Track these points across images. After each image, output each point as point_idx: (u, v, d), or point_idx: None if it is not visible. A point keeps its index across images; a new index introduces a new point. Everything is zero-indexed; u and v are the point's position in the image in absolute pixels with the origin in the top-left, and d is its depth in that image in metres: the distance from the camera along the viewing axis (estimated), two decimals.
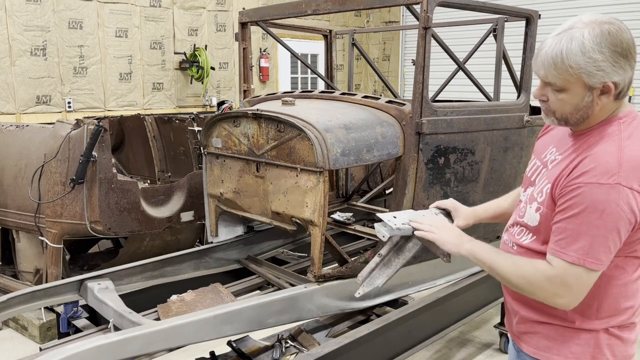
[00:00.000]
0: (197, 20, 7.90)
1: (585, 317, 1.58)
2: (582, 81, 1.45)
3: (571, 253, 1.46)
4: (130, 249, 4.34)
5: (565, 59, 1.44)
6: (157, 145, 5.50)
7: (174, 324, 2.42)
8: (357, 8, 3.13)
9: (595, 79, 1.44)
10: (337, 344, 2.56)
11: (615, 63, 1.43)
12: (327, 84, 4.51)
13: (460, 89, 4.69)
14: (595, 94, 1.47)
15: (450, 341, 3.93)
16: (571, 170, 1.50)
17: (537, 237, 1.64)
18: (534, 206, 1.63)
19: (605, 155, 1.45)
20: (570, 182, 1.48)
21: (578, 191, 1.45)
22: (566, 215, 1.47)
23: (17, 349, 3.80)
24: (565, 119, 1.55)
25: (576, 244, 1.45)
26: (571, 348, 1.62)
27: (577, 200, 1.44)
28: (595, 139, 1.52)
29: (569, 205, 1.46)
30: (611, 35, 1.43)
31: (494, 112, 3.22)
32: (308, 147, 2.81)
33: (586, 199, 1.43)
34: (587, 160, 1.47)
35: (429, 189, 3.01)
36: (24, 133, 4.17)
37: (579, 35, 1.43)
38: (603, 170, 1.42)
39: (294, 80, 9.68)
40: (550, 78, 1.49)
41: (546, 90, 1.54)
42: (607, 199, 1.40)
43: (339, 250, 3.16)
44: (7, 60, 6.16)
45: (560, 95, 1.50)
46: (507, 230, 1.82)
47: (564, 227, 1.48)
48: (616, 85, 1.45)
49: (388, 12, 10.21)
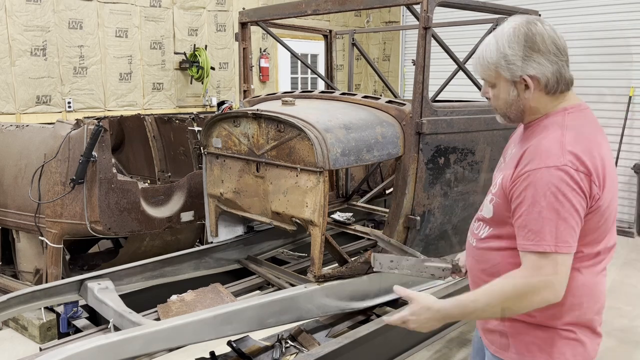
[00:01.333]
0: (197, 20, 7.90)
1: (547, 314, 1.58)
2: (502, 75, 1.58)
3: (541, 243, 1.45)
4: (130, 249, 4.34)
5: (485, 57, 1.60)
6: (157, 145, 5.50)
7: (174, 324, 2.41)
8: (357, 8, 3.13)
9: (510, 73, 1.56)
10: (337, 344, 2.56)
11: (525, 57, 1.53)
12: (327, 84, 4.51)
13: (460, 89, 4.68)
14: (520, 89, 1.58)
15: (450, 341, 3.93)
16: (517, 161, 1.55)
17: (492, 229, 1.66)
18: (488, 198, 1.67)
19: (548, 142, 1.51)
20: (519, 174, 1.52)
21: (528, 180, 1.48)
22: (524, 207, 1.49)
23: (17, 349, 3.79)
24: (504, 114, 1.68)
25: (542, 233, 1.45)
26: (528, 346, 1.62)
27: (530, 189, 1.47)
28: (539, 129, 1.59)
29: (524, 197, 1.49)
30: (522, 32, 1.54)
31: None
32: (308, 147, 2.81)
33: (538, 185, 1.46)
34: (530, 149, 1.53)
35: (429, 189, 3.01)
36: (24, 133, 4.17)
37: (499, 34, 1.58)
38: (547, 155, 1.47)
39: (294, 80, 9.68)
40: (481, 74, 1.64)
41: (487, 88, 1.68)
42: (557, 181, 1.44)
43: (339, 250, 3.16)
44: (7, 60, 6.16)
45: (493, 91, 1.65)
46: (470, 229, 1.83)
47: (525, 221, 1.49)
48: (533, 78, 1.55)
49: (388, 12, 10.20)
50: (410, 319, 1.64)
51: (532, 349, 1.62)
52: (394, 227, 2.97)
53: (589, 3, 6.95)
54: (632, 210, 6.76)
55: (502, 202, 1.59)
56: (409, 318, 1.64)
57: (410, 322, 1.64)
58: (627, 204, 6.80)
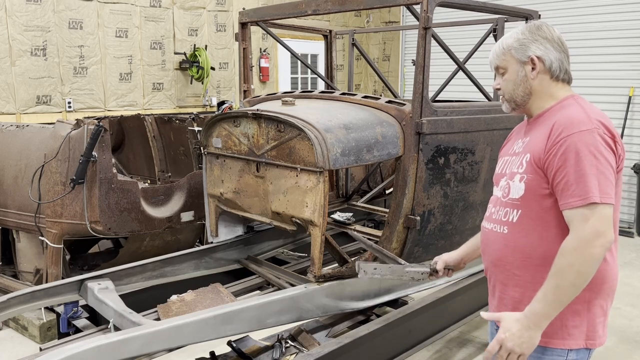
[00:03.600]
0: (197, 20, 7.90)
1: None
2: (514, 57, 1.80)
3: (589, 195, 1.57)
4: (130, 249, 4.34)
5: (501, 45, 1.84)
6: (157, 145, 5.50)
7: (174, 324, 2.42)
8: (357, 8, 3.13)
9: (521, 53, 1.78)
10: (337, 344, 2.56)
11: (535, 41, 1.78)
12: (327, 84, 4.51)
13: (460, 89, 4.68)
14: (527, 70, 1.79)
15: (450, 341, 3.93)
16: (548, 135, 1.68)
17: (522, 210, 1.74)
18: (516, 179, 1.76)
19: (574, 113, 1.69)
20: (554, 142, 1.65)
21: (565, 144, 1.62)
22: (566, 168, 1.61)
23: (17, 349, 3.80)
24: (512, 99, 1.84)
25: (587, 186, 1.57)
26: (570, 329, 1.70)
27: (569, 151, 1.61)
28: (557, 111, 1.75)
29: (564, 159, 1.62)
30: (534, 25, 1.82)
31: (494, 112, 3.22)
32: (308, 147, 2.81)
33: (576, 146, 1.60)
34: (559, 121, 1.68)
35: (429, 189, 3.01)
36: (24, 133, 4.17)
37: (514, 30, 1.85)
38: (578, 121, 1.64)
39: (294, 80, 9.67)
40: (496, 62, 1.86)
41: (498, 79, 1.87)
42: (593, 141, 1.60)
43: (339, 250, 3.16)
44: (7, 61, 6.16)
45: (505, 76, 1.84)
46: (489, 220, 1.89)
47: (568, 180, 1.60)
48: (540, 58, 1.77)
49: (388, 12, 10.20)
50: (504, 337, 1.64)
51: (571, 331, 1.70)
52: (394, 227, 2.96)
53: (589, 3, 6.95)
54: (632, 210, 6.76)
55: (535, 176, 1.70)
56: (503, 337, 1.64)
57: (506, 340, 1.64)
58: (627, 204, 6.80)
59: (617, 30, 6.73)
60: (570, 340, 1.70)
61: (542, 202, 1.69)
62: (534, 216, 1.71)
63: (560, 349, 1.71)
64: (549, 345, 1.71)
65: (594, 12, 6.91)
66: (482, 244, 1.95)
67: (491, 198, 1.94)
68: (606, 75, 6.84)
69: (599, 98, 6.79)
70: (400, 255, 3.03)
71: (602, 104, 6.79)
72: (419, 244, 3.08)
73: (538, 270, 1.71)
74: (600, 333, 1.74)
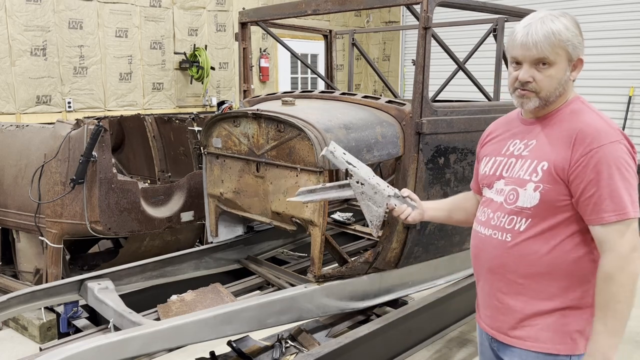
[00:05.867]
0: (197, 20, 7.90)
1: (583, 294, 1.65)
2: (568, 54, 1.63)
3: (625, 211, 1.54)
4: (130, 249, 4.34)
5: (556, 34, 1.61)
6: (157, 145, 5.50)
7: (174, 324, 2.41)
8: (357, 8, 3.13)
9: (576, 52, 1.64)
10: (337, 344, 2.56)
11: (582, 40, 1.66)
12: (327, 84, 4.51)
13: (460, 89, 4.68)
14: (570, 69, 1.66)
15: (450, 341, 3.93)
16: (572, 145, 1.60)
17: (532, 220, 1.66)
18: (529, 187, 1.66)
19: (596, 122, 1.61)
20: (583, 154, 1.57)
21: (597, 156, 1.56)
22: (598, 182, 1.55)
23: (17, 349, 3.79)
24: (547, 98, 1.67)
25: (622, 201, 1.55)
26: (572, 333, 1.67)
27: (600, 164, 1.55)
28: (569, 115, 1.67)
29: (595, 172, 1.55)
30: (575, 19, 1.67)
31: (494, 112, 3.22)
32: (308, 147, 2.81)
33: (608, 159, 1.55)
34: (584, 130, 1.60)
35: (429, 189, 3.01)
36: (24, 133, 4.17)
37: (557, 19, 1.63)
38: (605, 133, 1.58)
39: (294, 80, 9.68)
40: (546, 53, 1.62)
41: (532, 71, 1.66)
42: (622, 153, 1.57)
43: (339, 250, 3.16)
44: (7, 60, 6.16)
45: (548, 71, 1.64)
46: (486, 225, 1.79)
47: (602, 194, 1.56)
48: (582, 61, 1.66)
49: (388, 12, 10.20)
50: None
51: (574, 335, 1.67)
52: (394, 227, 2.96)
53: (589, 3, 6.95)
54: None
55: (555, 187, 1.62)
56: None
57: None
58: None
59: (617, 30, 6.73)
60: (573, 345, 1.67)
61: (556, 213, 1.63)
62: (546, 226, 1.65)
63: (564, 355, 1.67)
64: (552, 352, 1.67)
65: (594, 12, 6.92)
66: (476, 249, 1.85)
67: (484, 200, 1.85)
68: (606, 75, 6.85)
69: (599, 98, 6.80)
70: (400, 255, 3.03)
71: (602, 104, 6.80)
72: (419, 244, 3.08)
73: (544, 278, 1.66)
74: None
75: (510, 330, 1.75)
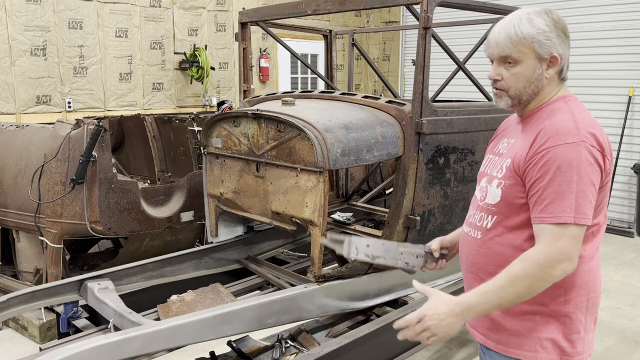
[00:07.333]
0: (197, 20, 7.90)
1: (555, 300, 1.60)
2: (534, 51, 1.59)
3: (562, 215, 1.49)
4: (130, 249, 4.34)
5: (518, 32, 1.58)
6: (157, 145, 5.50)
7: (174, 324, 2.41)
8: (357, 8, 3.13)
9: (545, 49, 1.58)
10: (337, 344, 2.57)
11: (557, 36, 1.60)
12: (327, 84, 4.51)
13: (460, 89, 4.68)
14: (544, 67, 1.61)
15: (450, 341, 3.93)
16: (532, 142, 1.57)
17: (497, 217, 1.66)
18: (494, 183, 1.67)
19: (562, 121, 1.56)
20: (537, 151, 1.55)
21: (548, 156, 1.52)
22: (544, 181, 1.52)
23: (17, 349, 3.80)
24: (518, 96, 1.65)
25: (562, 204, 1.49)
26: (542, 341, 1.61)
27: (550, 164, 1.51)
28: (546, 114, 1.62)
29: (543, 171, 1.52)
30: (551, 14, 1.62)
31: (494, 112, 3.22)
32: (308, 147, 2.81)
33: (558, 160, 1.50)
34: (546, 129, 1.56)
35: (429, 189, 3.01)
36: (24, 133, 4.17)
37: (524, 16, 1.61)
38: (565, 132, 1.53)
39: (294, 80, 9.67)
40: (507, 51, 1.60)
41: (500, 69, 1.65)
42: (577, 155, 1.49)
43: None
44: (7, 60, 6.16)
45: (514, 69, 1.62)
46: (467, 223, 1.81)
47: (545, 194, 1.52)
48: (561, 57, 1.61)
49: (388, 12, 10.20)
50: (427, 314, 1.53)
51: (544, 343, 1.62)
52: (394, 227, 2.96)
53: (589, 3, 6.95)
54: (632, 210, 6.76)
55: (513, 183, 1.60)
56: (427, 313, 1.53)
57: (427, 318, 1.53)
58: (627, 204, 6.80)
59: (617, 30, 6.73)
60: (542, 353, 1.61)
61: (518, 212, 1.60)
62: (509, 225, 1.63)
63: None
64: (518, 357, 1.64)
65: (594, 12, 6.91)
66: (459, 247, 1.85)
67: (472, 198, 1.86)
68: (606, 75, 6.84)
69: (599, 98, 6.80)
70: None
71: (602, 104, 6.80)
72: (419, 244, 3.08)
73: None
74: (579, 349, 1.63)
75: (487, 331, 1.73)
